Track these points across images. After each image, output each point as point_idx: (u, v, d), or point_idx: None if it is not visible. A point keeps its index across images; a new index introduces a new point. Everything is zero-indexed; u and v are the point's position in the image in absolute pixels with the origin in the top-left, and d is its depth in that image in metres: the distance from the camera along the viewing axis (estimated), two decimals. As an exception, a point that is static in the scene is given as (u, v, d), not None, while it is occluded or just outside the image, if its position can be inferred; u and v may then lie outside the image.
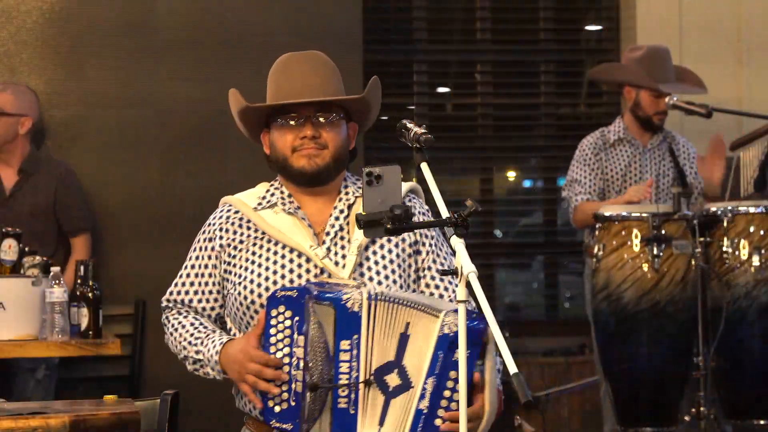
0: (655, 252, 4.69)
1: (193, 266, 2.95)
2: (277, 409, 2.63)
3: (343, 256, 2.80)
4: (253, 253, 2.83)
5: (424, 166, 2.61)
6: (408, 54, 6.10)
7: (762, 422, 4.76)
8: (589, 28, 6.40)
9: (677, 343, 4.75)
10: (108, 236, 5.24)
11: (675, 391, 4.79)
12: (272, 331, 2.64)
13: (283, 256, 2.81)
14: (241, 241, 2.87)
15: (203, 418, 5.20)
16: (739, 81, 5.99)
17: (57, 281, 4.00)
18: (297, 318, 2.61)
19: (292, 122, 2.85)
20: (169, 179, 5.31)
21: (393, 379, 2.59)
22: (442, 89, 6.40)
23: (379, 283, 2.77)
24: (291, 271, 2.79)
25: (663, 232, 4.71)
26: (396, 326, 2.61)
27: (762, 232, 4.75)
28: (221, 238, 2.90)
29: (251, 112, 2.91)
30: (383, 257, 2.82)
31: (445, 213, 2.47)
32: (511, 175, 6.53)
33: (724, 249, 4.76)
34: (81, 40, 5.28)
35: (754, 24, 6.01)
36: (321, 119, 2.85)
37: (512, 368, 2.14)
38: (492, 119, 6.28)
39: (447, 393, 2.56)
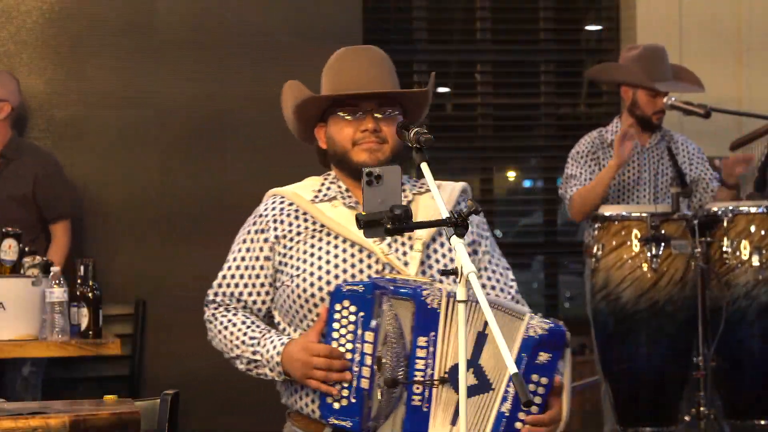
0: (653, 252, 4.70)
1: (243, 258, 2.86)
2: (336, 405, 2.59)
3: (404, 253, 2.75)
4: (312, 246, 2.77)
5: (424, 166, 2.61)
6: (408, 54, 6.10)
7: (762, 422, 4.76)
8: (589, 28, 6.40)
9: (677, 343, 4.76)
10: (108, 236, 5.25)
11: (675, 391, 4.79)
12: (335, 326, 2.59)
13: (344, 250, 2.75)
14: (298, 233, 2.80)
15: (203, 418, 5.21)
16: (739, 81, 5.99)
17: (57, 281, 4.00)
18: (362, 313, 2.57)
19: (351, 116, 2.80)
20: (169, 179, 5.31)
21: (468, 379, 2.53)
22: (442, 89, 6.40)
23: (440, 281, 2.72)
24: (353, 265, 2.73)
25: (662, 231, 4.71)
26: (473, 325, 2.57)
27: (762, 232, 4.75)
28: (275, 229, 2.82)
29: (312, 104, 2.84)
30: (444, 256, 2.77)
31: (445, 213, 2.47)
32: (511, 175, 6.53)
33: (725, 249, 4.76)
34: (81, 40, 5.28)
35: (754, 24, 6.01)
36: (381, 113, 2.80)
37: (512, 368, 2.15)
38: (492, 119, 6.28)
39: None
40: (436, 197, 2.53)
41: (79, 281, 4.16)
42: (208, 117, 5.32)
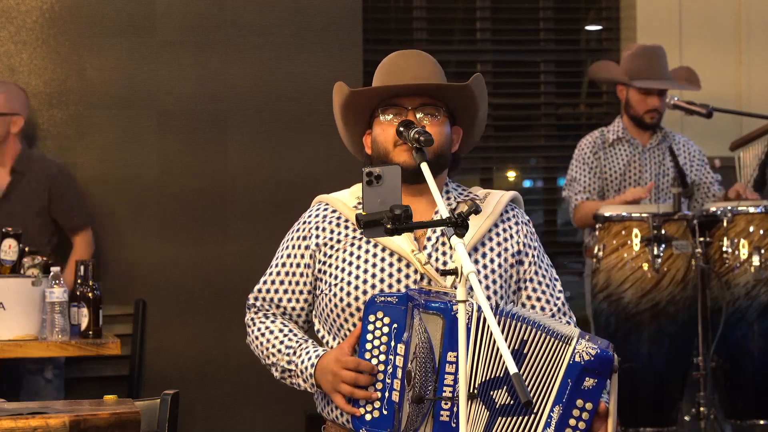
0: (655, 252, 4.70)
1: (284, 264, 2.84)
2: (368, 417, 2.59)
3: (444, 263, 2.71)
4: (351, 254, 2.75)
5: (424, 166, 2.61)
6: (408, 54, 6.08)
7: (762, 422, 4.76)
8: (589, 28, 6.39)
9: (677, 343, 4.76)
10: (108, 236, 5.24)
11: (675, 391, 4.79)
12: (369, 337, 2.59)
13: (382, 259, 2.72)
14: (339, 241, 2.77)
15: (203, 418, 5.21)
16: (739, 80, 5.99)
17: (57, 281, 4.00)
18: (395, 325, 2.56)
19: (393, 116, 2.75)
20: (169, 179, 5.31)
21: (501, 396, 2.50)
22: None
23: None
24: (390, 275, 2.70)
25: (663, 232, 4.71)
26: (509, 343, 2.50)
27: (762, 232, 4.75)
28: (317, 237, 2.79)
29: (355, 103, 2.78)
30: (485, 267, 2.74)
31: (445, 213, 2.46)
32: (511, 175, 6.52)
33: (724, 249, 4.76)
34: (81, 40, 5.28)
35: (754, 24, 6.01)
36: (423, 114, 2.75)
37: (512, 368, 2.14)
38: (492, 119, 6.27)
39: (572, 422, 2.50)
40: (435, 196, 2.52)
41: (79, 281, 4.16)
42: (208, 117, 5.32)
